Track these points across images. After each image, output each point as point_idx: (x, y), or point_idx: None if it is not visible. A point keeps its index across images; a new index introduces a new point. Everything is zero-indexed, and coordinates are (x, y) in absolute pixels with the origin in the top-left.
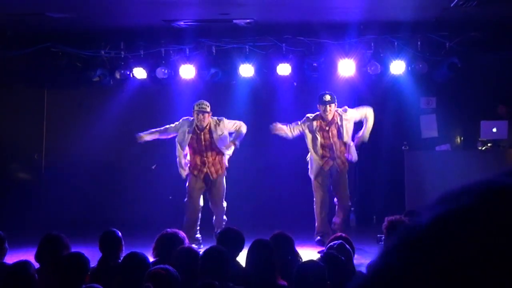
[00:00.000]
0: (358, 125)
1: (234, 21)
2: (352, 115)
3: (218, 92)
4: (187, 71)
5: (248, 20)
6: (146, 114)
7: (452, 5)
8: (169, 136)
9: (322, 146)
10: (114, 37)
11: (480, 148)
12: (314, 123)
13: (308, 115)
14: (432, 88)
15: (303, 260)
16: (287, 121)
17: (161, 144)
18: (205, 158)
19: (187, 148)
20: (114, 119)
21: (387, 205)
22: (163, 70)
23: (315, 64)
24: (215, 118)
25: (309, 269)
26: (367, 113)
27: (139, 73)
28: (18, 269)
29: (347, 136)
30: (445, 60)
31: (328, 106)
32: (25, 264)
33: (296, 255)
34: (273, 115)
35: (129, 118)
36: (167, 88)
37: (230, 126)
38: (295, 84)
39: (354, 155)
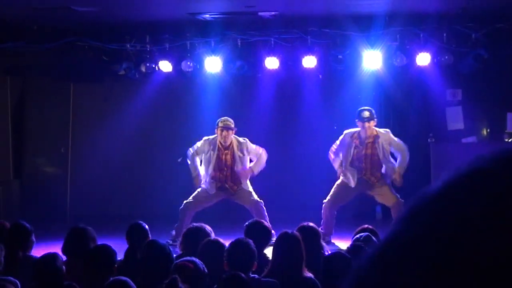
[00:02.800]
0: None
1: (259, 13)
2: (391, 138)
3: (244, 85)
4: (213, 64)
5: (273, 13)
6: (171, 107)
7: None
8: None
9: (352, 162)
10: (139, 31)
11: (506, 140)
12: (352, 138)
13: (346, 131)
14: (458, 80)
15: (330, 252)
16: (311, 113)
17: (186, 136)
18: (225, 175)
19: (211, 167)
20: (140, 112)
21: (413, 197)
22: (188, 63)
23: (341, 57)
24: (239, 138)
25: (335, 261)
26: (405, 149)
27: (165, 66)
28: (46, 261)
29: (382, 155)
30: (471, 51)
31: (366, 123)
32: (53, 256)
33: (323, 247)
34: (298, 108)
35: (154, 111)
36: (193, 81)
37: (252, 150)
38: (320, 76)
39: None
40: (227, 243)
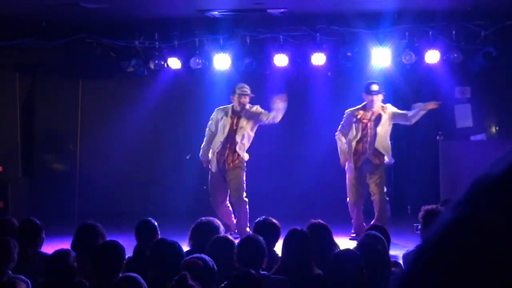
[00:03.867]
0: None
1: (268, 10)
2: (392, 109)
3: (252, 82)
4: (221, 61)
5: (282, 10)
6: (180, 104)
7: None
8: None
9: (358, 140)
10: (148, 28)
11: None
12: (355, 115)
13: (347, 110)
14: (467, 77)
15: (340, 249)
16: (320, 111)
17: (195, 133)
18: (225, 148)
19: (219, 143)
20: (148, 109)
21: (421, 195)
22: (197, 60)
23: (349, 54)
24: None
25: (345, 258)
26: (407, 113)
27: (174, 63)
28: (59, 258)
29: (383, 130)
30: (480, 49)
31: (375, 96)
32: (66, 252)
33: (333, 244)
34: (307, 105)
35: (163, 108)
36: (202, 78)
37: (260, 110)
38: (329, 74)
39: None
40: (236, 241)
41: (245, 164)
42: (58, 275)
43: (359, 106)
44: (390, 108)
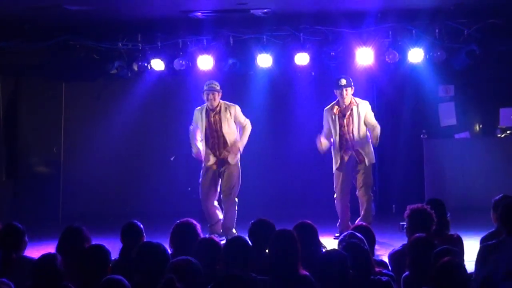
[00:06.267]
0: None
1: (252, 11)
2: (368, 109)
3: (236, 83)
4: (205, 62)
5: (265, 10)
6: (164, 105)
7: None
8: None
9: (340, 135)
10: (131, 29)
11: (499, 135)
12: (332, 111)
13: (326, 108)
14: (450, 75)
15: (326, 249)
16: (304, 111)
17: (179, 135)
18: (216, 142)
19: (202, 135)
20: (132, 111)
21: (406, 194)
22: (180, 61)
23: (333, 53)
24: (228, 102)
25: (331, 259)
26: (376, 125)
27: (157, 64)
28: (46, 262)
29: (360, 123)
30: (463, 47)
31: (344, 90)
32: (53, 257)
33: (320, 244)
34: (291, 105)
35: (147, 110)
36: (185, 79)
37: (238, 116)
38: (313, 73)
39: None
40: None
41: (239, 157)
42: (45, 279)
43: (334, 102)
44: (365, 107)
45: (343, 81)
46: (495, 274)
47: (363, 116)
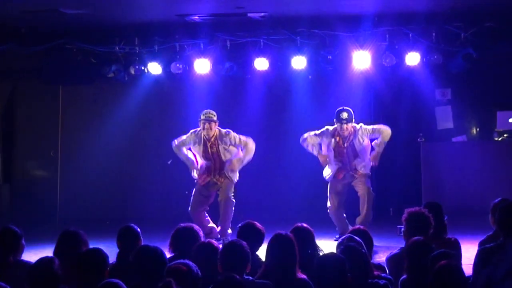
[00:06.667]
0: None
1: (249, 14)
2: (366, 128)
3: (233, 86)
4: (202, 66)
5: (262, 14)
6: (161, 109)
7: None
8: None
9: (336, 158)
10: (128, 33)
11: (496, 138)
12: (333, 140)
13: (328, 127)
14: (447, 79)
15: (323, 253)
16: (301, 114)
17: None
18: (214, 167)
19: (200, 159)
20: (129, 114)
21: (403, 197)
22: (177, 65)
23: (330, 57)
24: (222, 130)
25: (329, 262)
26: (380, 128)
27: (154, 68)
28: (43, 265)
29: (359, 147)
30: (460, 51)
31: (345, 125)
32: (50, 260)
33: (316, 248)
34: (288, 109)
35: (144, 114)
36: (182, 83)
37: (237, 140)
38: (310, 77)
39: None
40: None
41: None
42: (42, 282)
43: (334, 128)
44: (361, 131)
45: (345, 115)
46: (494, 277)
47: (366, 138)
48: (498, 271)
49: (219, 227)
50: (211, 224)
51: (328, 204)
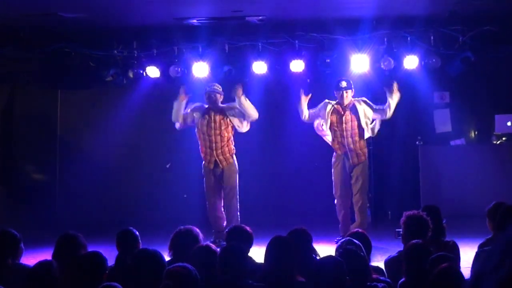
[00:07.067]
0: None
1: (247, 18)
2: (370, 104)
3: (232, 90)
4: (200, 69)
5: (260, 17)
6: (159, 112)
7: None
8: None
9: (335, 130)
10: (126, 36)
11: (495, 142)
12: (329, 106)
13: (326, 101)
14: (445, 82)
15: (322, 256)
16: (300, 118)
17: (175, 142)
18: (214, 144)
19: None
20: (127, 118)
21: (402, 200)
22: (176, 68)
23: (328, 60)
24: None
25: (327, 265)
26: (383, 109)
27: (152, 71)
28: (42, 269)
29: (364, 121)
30: (458, 54)
31: (344, 92)
32: (49, 264)
33: (314, 251)
34: (286, 112)
35: (143, 117)
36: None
37: (236, 103)
38: (308, 80)
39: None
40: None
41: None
42: (40, 286)
43: (333, 103)
44: (364, 104)
45: (344, 83)
46: None
47: (364, 110)
48: None
49: (225, 223)
50: (225, 224)
51: (335, 199)
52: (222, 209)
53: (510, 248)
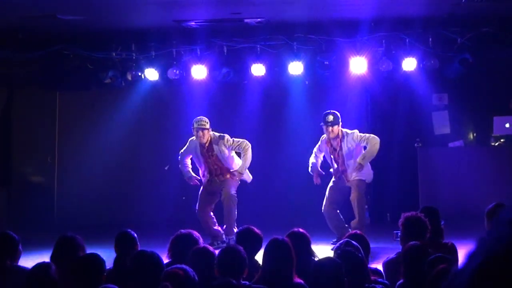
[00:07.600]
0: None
1: (245, 20)
2: (358, 135)
3: (230, 92)
4: (199, 72)
5: (259, 19)
6: (158, 115)
7: (463, 0)
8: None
9: (330, 158)
10: (125, 39)
11: (493, 143)
12: (325, 143)
13: (322, 137)
14: (444, 84)
15: (319, 258)
16: (298, 120)
17: (173, 144)
18: (213, 171)
19: (201, 165)
20: (126, 120)
21: (400, 202)
22: (174, 70)
23: (327, 62)
24: (217, 134)
25: (325, 267)
26: (369, 138)
27: (151, 74)
28: (40, 271)
29: (351, 153)
30: (456, 56)
31: (330, 127)
32: (47, 266)
33: (312, 252)
34: (285, 114)
35: (141, 119)
36: (179, 88)
37: (232, 143)
38: (306, 82)
39: (363, 175)
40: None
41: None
42: None
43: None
44: (351, 139)
45: (330, 118)
46: None
47: (352, 147)
48: None
49: (224, 226)
50: (217, 227)
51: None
52: (211, 214)
53: (483, 244)
